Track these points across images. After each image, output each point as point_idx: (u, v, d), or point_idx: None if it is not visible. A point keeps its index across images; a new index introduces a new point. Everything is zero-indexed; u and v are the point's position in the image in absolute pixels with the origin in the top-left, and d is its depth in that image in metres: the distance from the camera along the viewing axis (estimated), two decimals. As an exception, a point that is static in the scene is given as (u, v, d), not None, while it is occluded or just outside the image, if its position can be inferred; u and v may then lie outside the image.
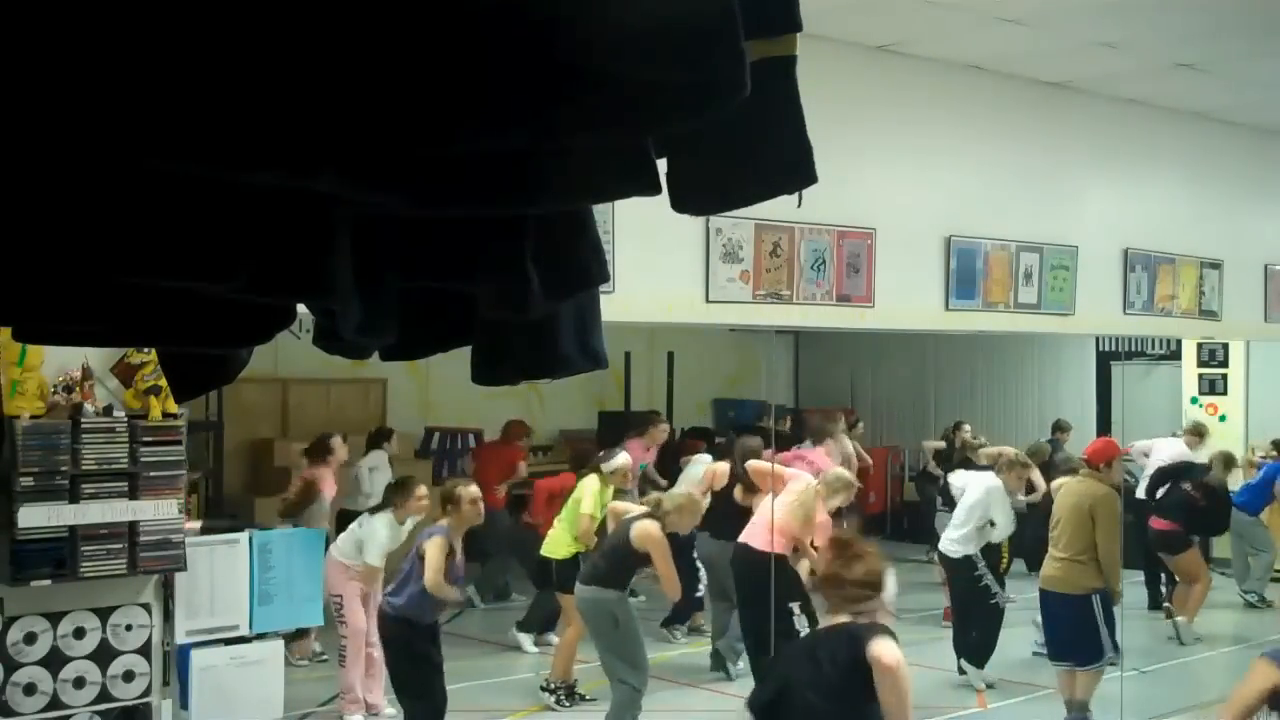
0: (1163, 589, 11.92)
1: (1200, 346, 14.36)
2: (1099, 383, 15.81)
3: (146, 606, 5.49)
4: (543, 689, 8.94)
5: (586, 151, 1.97)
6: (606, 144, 1.96)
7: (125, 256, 1.84)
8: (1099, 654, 8.19)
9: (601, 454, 9.72)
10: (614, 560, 7.91)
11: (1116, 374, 14.97)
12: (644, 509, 8.09)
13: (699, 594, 10.63)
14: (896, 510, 15.93)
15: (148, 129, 1.58)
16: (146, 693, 5.45)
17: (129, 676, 5.41)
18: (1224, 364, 14.36)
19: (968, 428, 14.29)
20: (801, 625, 8.19)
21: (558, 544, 9.23)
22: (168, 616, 5.57)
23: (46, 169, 1.74)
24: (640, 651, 7.88)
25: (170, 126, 1.58)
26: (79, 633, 5.31)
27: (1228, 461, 11.97)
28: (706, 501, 9.11)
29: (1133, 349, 14.94)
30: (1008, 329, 10.46)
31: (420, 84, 1.64)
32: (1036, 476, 10.51)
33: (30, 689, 5.18)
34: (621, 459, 9.41)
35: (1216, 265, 11.51)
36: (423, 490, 8.32)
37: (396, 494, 8.32)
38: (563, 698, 8.87)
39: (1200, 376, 14.55)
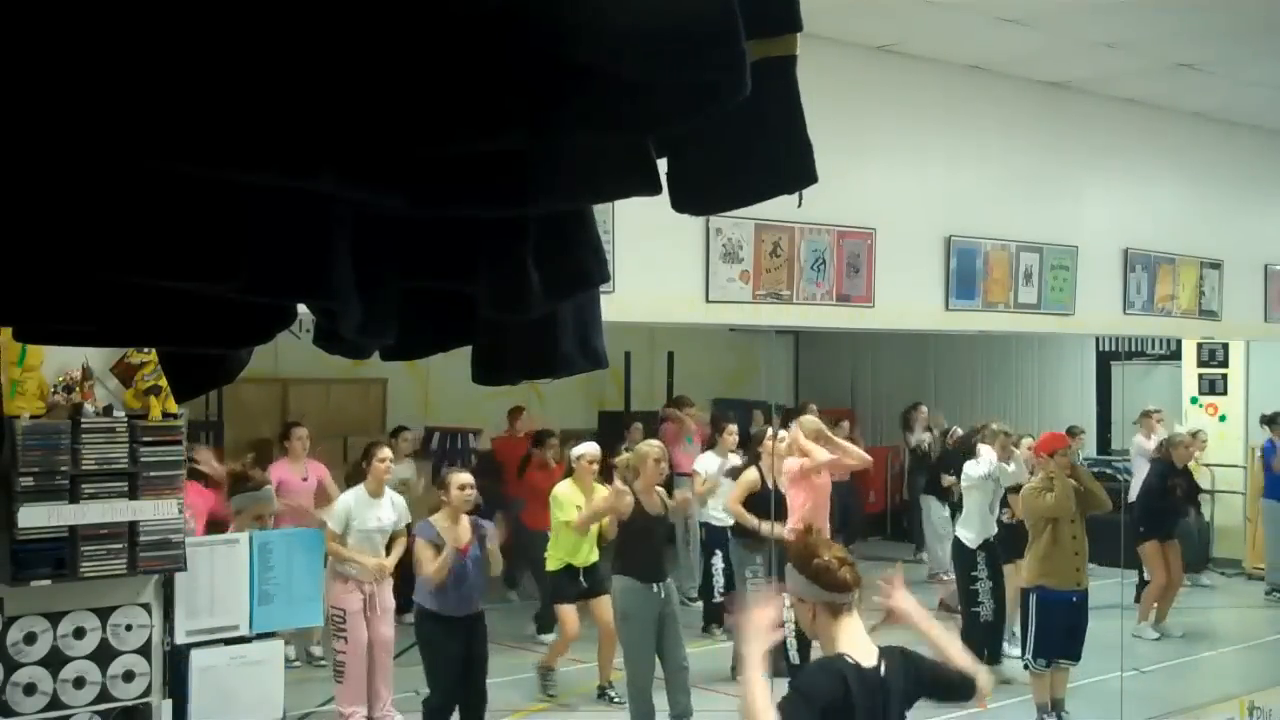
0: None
1: (1200, 346, 14.37)
2: (1099, 383, 15.81)
3: (146, 606, 5.49)
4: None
5: (586, 151, 1.97)
6: (606, 144, 1.96)
7: (126, 257, 1.84)
8: (1025, 651, 8.47)
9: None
10: (618, 543, 8.07)
11: (1116, 374, 14.97)
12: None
13: (717, 601, 10.85)
14: (896, 510, 15.92)
15: (148, 130, 1.58)
16: (146, 693, 5.45)
17: (129, 676, 5.40)
18: (1224, 364, 14.36)
19: (924, 407, 14.44)
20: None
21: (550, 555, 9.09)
22: (168, 616, 5.57)
23: (47, 170, 1.74)
24: (625, 644, 8.00)
25: (170, 127, 1.58)
26: (79, 633, 5.31)
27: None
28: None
29: (1133, 349, 14.94)
30: (1008, 329, 10.46)
31: (419, 84, 1.64)
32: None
33: (30, 689, 5.18)
34: (585, 446, 9.10)
35: (1216, 265, 11.51)
36: (384, 453, 8.25)
37: (362, 460, 8.36)
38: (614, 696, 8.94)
39: (1200, 376, 14.55)
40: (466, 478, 7.37)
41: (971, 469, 9.77)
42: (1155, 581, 11.31)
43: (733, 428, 11.30)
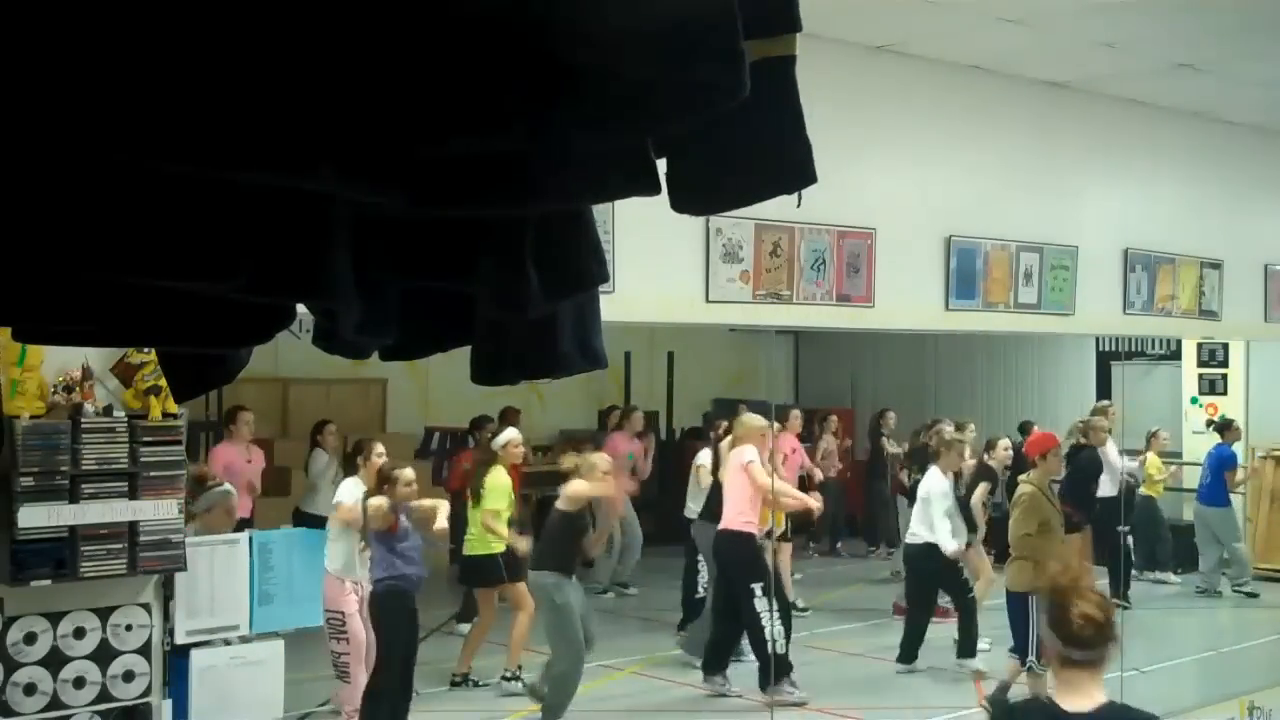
0: None
1: (1200, 346, 14.36)
2: (1099, 383, 15.80)
3: (146, 606, 5.49)
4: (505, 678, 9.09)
5: (586, 151, 1.97)
6: (606, 144, 1.96)
7: (125, 257, 1.84)
8: (1025, 653, 8.30)
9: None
10: (549, 538, 8.19)
11: (1116, 374, 14.96)
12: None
13: (700, 596, 10.73)
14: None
15: (147, 130, 1.58)
16: (146, 693, 5.45)
17: (129, 676, 5.41)
18: (1224, 364, 14.35)
19: (891, 414, 14.61)
20: (763, 606, 8.56)
21: (477, 540, 9.22)
22: (168, 616, 5.57)
23: (46, 170, 1.74)
24: (572, 635, 8.05)
25: (169, 127, 1.58)
26: (79, 633, 5.31)
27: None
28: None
29: (1133, 349, 14.94)
30: (1008, 329, 10.46)
31: (418, 84, 1.64)
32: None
33: (30, 689, 5.18)
34: (509, 433, 9.41)
35: (1216, 265, 11.51)
36: (380, 449, 8.34)
37: (357, 455, 8.43)
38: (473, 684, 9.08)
39: (1200, 376, 14.55)
40: (411, 473, 7.56)
41: (930, 482, 9.71)
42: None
43: (636, 412, 11.93)
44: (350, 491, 8.25)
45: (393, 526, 7.34)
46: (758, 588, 8.61)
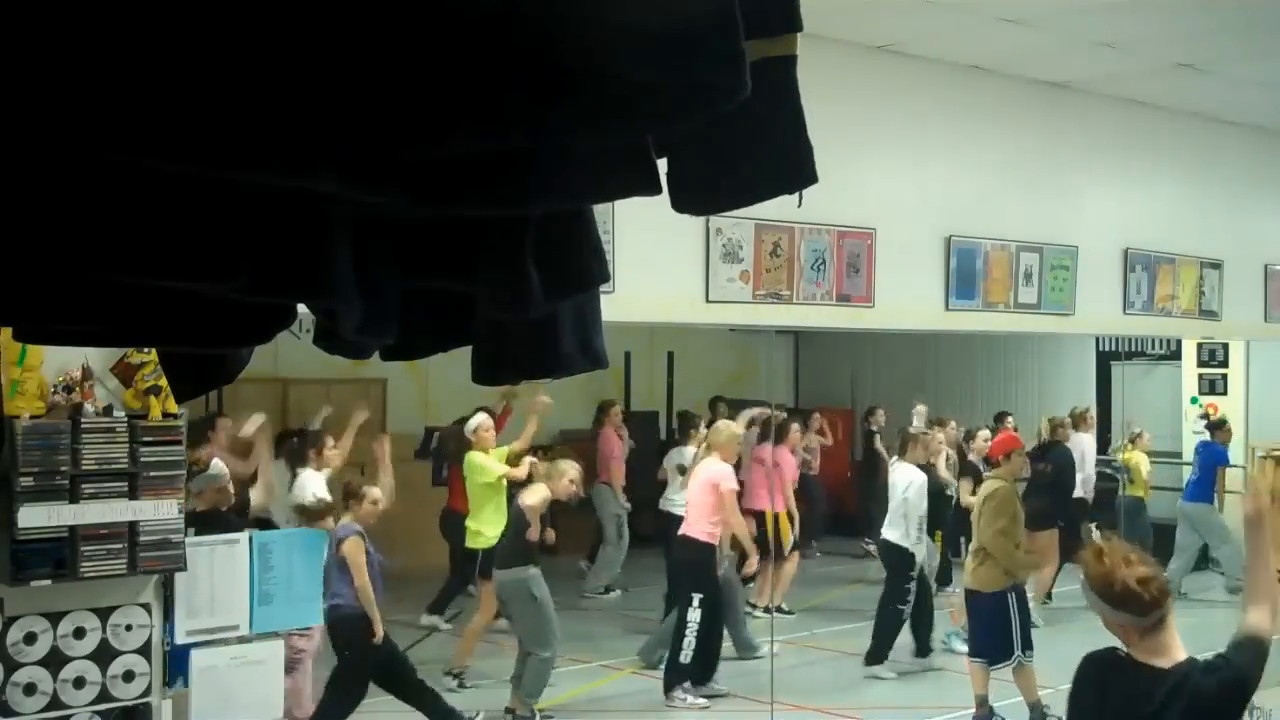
0: None
1: (1200, 346, 14.36)
2: (1099, 383, 15.80)
3: (146, 606, 5.48)
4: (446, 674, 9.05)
5: (586, 151, 1.97)
6: (606, 144, 1.96)
7: (126, 257, 1.84)
8: (1008, 652, 8.19)
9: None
10: (518, 535, 8.27)
11: (1116, 374, 14.97)
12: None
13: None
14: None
15: (147, 129, 1.58)
16: (146, 693, 5.44)
17: (129, 676, 5.40)
18: (1224, 364, 14.35)
19: (881, 411, 14.82)
20: (694, 618, 8.63)
21: (478, 534, 9.27)
22: (168, 616, 5.56)
23: (46, 170, 1.74)
24: (553, 625, 8.16)
25: (170, 127, 1.58)
26: (79, 633, 5.30)
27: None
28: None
29: (1133, 349, 14.95)
30: (1008, 329, 10.47)
31: (418, 84, 1.64)
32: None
33: (30, 689, 5.17)
34: (478, 418, 9.53)
35: (1216, 265, 11.51)
36: (330, 440, 8.42)
37: (311, 446, 8.42)
38: (464, 681, 9.03)
39: (1200, 376, 14.55)
40: (378, 493, 7.53)
41: (897, 475, 9.71)
42: (1049, 569, 11.39)
43: (614, 406, 12.91)
44: (313, 485, 8.18)
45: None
46: (696, 599, 8.67)
